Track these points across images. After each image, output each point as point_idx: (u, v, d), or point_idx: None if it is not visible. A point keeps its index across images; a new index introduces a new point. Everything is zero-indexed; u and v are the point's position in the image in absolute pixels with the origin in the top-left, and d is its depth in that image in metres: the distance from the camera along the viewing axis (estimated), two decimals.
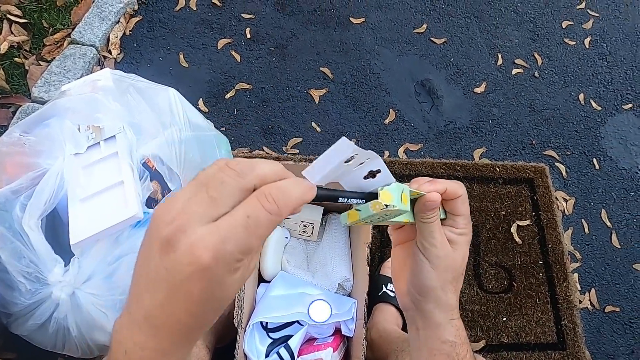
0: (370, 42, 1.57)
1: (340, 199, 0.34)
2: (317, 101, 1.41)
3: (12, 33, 1.34)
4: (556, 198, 1.37)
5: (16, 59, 1.31)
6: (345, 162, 0.32)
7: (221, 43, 1.48)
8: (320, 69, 1.48)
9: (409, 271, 0.44)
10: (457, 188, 0.41)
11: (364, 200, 0.36)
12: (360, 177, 0.34)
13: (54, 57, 1.33)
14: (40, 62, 1.33)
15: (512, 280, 1.24)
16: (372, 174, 0.35)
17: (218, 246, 0.26)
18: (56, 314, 0.80)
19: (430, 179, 0.41)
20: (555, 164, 1.44)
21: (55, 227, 0.85)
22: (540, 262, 1.27)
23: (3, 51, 1.30)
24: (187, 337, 0.29)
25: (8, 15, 1.35)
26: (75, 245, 0.76)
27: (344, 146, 0.31)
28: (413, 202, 0.40)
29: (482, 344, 1.15)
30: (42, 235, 0.78)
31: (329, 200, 0.34)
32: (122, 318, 0.29)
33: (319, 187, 0.31)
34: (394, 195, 0.35)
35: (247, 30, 1.52)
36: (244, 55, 1.48)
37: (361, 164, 0.34)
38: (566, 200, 1.38)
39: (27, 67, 1.31)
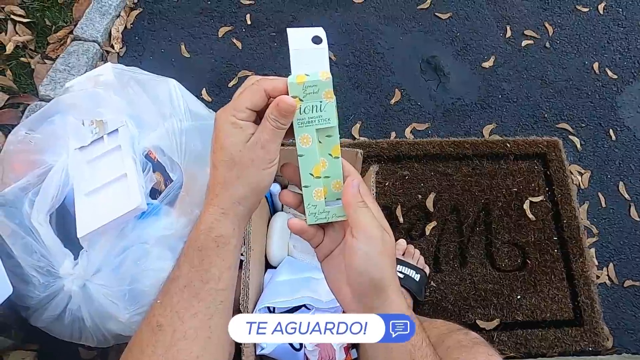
0: (373, 21, 1.54)
1: None
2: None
3: (16, 33, 1.36)
4: (570, 172, 1.33)
5: (22, 59, 1.33)
6: (315, 42, 0.41)
7: (222, 31, 1.47)
8: None
9: (354, 273, 0.42)
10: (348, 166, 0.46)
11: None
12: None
13: (58, 55, 1.34)
14: (45, 60, 1.34)
15: (525, 258, 1.22)
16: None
17: (227, 105, 0.42)
18: (70, 305, 0.82)
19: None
20: (569, 137, 1.39)
21: (65, 221, 0.87)
22: (555, 238, 1.25)
23: (9, 52, 1.31)
24: (234, 198, 0.42)
25: (12, 16, 1.37)
26: (83, 238, 0.78)
27: (297, 33, 0.41)
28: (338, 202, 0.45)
29: (496, 322, 1.14)
30: (51, 230, 0.80)
31: None
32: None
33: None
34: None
35: (248, 16, 1.50)
36: (245, 42, 1.46)
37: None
38: (581, 174, 1.34)
39: (33, 66, 1.32)
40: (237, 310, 0.78)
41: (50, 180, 0.81)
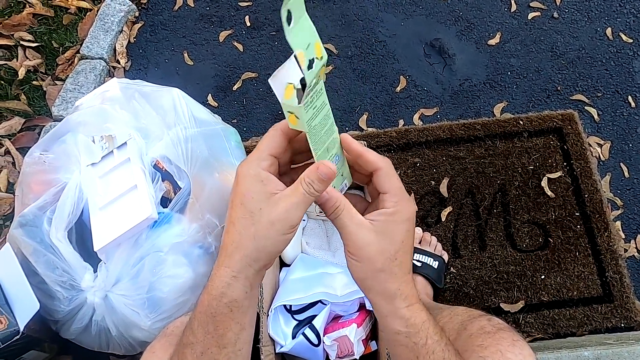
0: (373, 9, 1.51)
1: None
2: (324, 79, 1.39)
3: (27, 58, 1.40)
4: (589, 144, 1.29)
5: (34, 82, 1.37)
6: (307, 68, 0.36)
7: (222, 35, 1.48)
8: (324, 45, 1.45)
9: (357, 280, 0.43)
10: (375, 159, 0.41)
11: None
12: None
13: (68, 75, 1.38)
14: (56, 81, 1.39)
15: (547, 236, 1.19)
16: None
17: (247, 156, 0.40)
18: (95, 317, 0.85)
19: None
20: (585, 108, 1.34)
21: (84, 235, 0.90)
22: (577, 213, 1.21)
23: (21, 76, 1.36)
24: (246, 260, 0.39)
25: (21, 42, 1.41)
26: (100, 250, 0.81)
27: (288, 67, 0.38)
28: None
29: (520, 304, 1.12)
30: (70, 246, 0.83)
31: None
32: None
33: None
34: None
35: (247, 18, 1.51)
36: (246, 44, 1.47)
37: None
38: (600, 145, 1.29)
39: (45, 89, 1.37)
40: None
41: (65, 198, 0.84)
